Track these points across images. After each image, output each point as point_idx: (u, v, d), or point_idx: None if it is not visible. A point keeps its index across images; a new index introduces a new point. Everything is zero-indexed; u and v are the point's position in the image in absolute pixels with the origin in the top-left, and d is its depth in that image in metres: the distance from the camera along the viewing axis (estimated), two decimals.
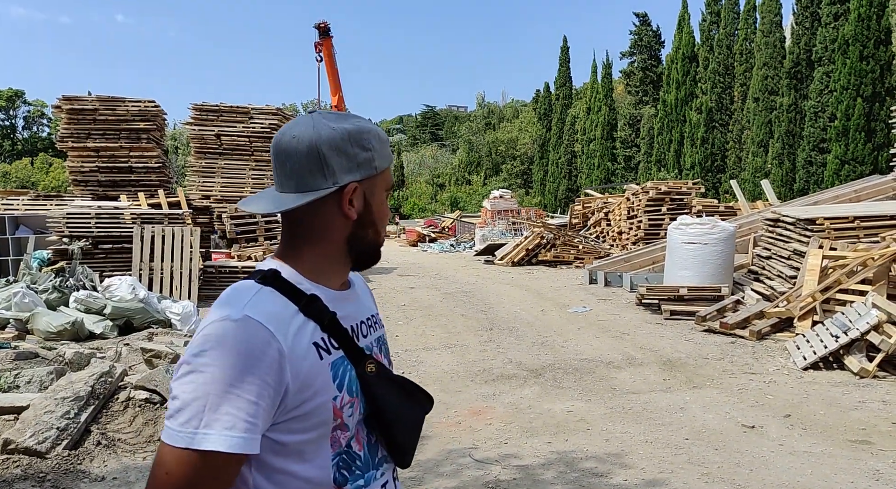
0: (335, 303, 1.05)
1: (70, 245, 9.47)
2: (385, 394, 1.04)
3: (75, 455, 3.96)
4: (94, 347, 6.35)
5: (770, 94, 24.57)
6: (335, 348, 1.01)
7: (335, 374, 0.99)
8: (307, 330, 0.98)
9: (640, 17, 39.30)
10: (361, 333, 1.09)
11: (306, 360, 0.96)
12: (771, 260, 8.90)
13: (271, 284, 1.00)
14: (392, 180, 1.11)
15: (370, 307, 1.18)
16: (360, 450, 1.04)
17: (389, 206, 1.20)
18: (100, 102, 13.78)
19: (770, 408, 4.94)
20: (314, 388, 0.96)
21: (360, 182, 1.05)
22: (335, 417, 0.99)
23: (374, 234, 1.10)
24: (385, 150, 1.09)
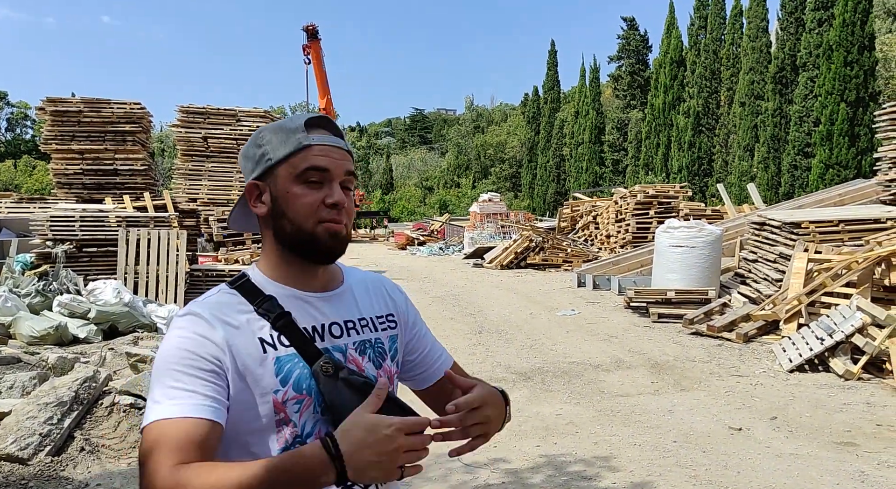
0: (299, 304, 1.08)
1: (54, 248, 9.35)
2: (338, 394, 1.02)
3: (58, 461, 3.90)
4: (77, 352, 6.27)
5: (756, 98, 24.83)
6: (284, 346, 1.03)
7: (279, 369, 1.02)
8: (256, 326, 1.03)
9: (628, 22, 39.60)
10: (331, 334, 1.09)
11: (248, 352, 1.01)
12: (757, 263, 8.97)
13: (237, 287, 1.08)
14: (307, 162, 1.05)
15: (365, 310, 1.17)
16: None
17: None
18: (84, 104, 13.65)
19: (757, 410, 4.97)
20: (253, 378, 1.00)
21: (258, 179, 1.09)
22: (277, 411, 1.01)
23: (290, 224, 1.07)
24: (281, 138, 1.08)
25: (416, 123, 79.94)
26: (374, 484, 1.03)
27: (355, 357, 1.11)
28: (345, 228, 1.09)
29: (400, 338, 1.22)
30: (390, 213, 44.18)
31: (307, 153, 1.06)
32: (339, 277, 1.19)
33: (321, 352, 1.05)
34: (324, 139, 1.08)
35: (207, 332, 1.00)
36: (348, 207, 1.09)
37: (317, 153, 1.07)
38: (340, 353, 1.09)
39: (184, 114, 14.85)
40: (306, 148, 1.06)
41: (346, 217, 1.09)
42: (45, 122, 13.68)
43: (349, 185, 1.10)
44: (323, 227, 1.07)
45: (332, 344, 1.09)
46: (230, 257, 12.57)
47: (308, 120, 1.10)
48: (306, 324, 1.07)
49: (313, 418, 1.04)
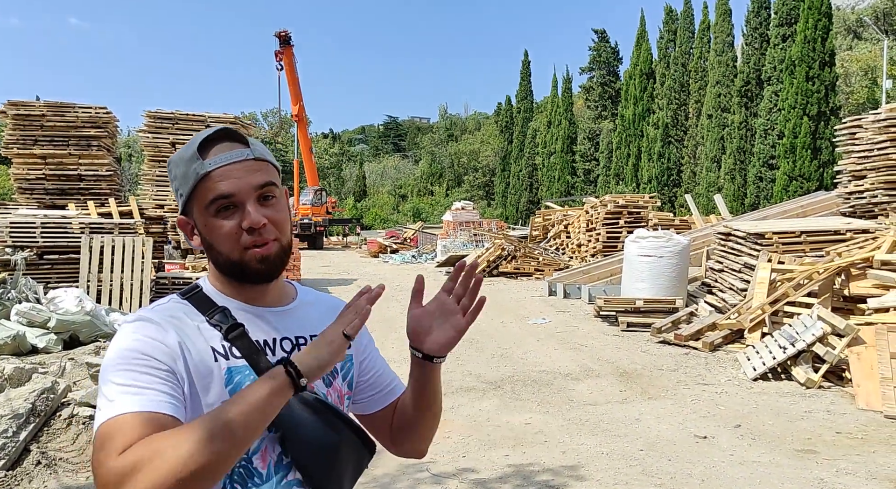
0: (250, 317, 1.06)
1: (13, 255, 9.09)
2: (288, 410, 0.99)
3: (13, 475, 3.78)
4: (36, 362, 6.08)
5: (723, 111, 25.40)
6: (236, 357, 1.01)
7: (229, 380, 1.00)
8: (208, 335, 1.01)
9: (599, 34, 40.22)
10: (283, 348, 1.07)
11: (201, 358, 0.98)
12: (723, 273, 9.14)
13: (189, 297, 1.05)
14: (210, 192, 1.00)
15: (316, 328, 1.12)
16: (262, 467, 1.01)
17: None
18: (48, 108, 13.33)
19: (721, 418, 5.05)
20: (203, 386, 0.98)
21: (183, 213, 1.07)
22: None
23: (219, 254, 1.03)
24: (183, 171, 1.03)
25: (389, 131, 79.89)
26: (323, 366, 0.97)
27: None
28: (275, 245, 1.04)
29: (354, 361, 1.20)
30: (363, 220, 44.00)
31: (207, 183, 1.01)
32: (292, 295, 1.17)
33: (271, 366, 1.02)
34: (221, 160, 1.01)
35: (159, 336, 0.96)
36: (274, 219, 1.03)
37: (217, 179, 1.00)
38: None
39: (151, 119, 14.60)
40: (205, 177, 1.01)
41: (274, 231, 1.04)
42: (7, 126, 13.32)
43: (271, 193, 1.04)
44: (250, 254, 1.02)
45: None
46: (197, 265, 12.37)
47: (202, 142, 1.03)
48: (258, 338, 1.05)
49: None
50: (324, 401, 1.06)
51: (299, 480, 1.04)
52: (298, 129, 28.42)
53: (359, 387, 1.22)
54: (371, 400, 1.24)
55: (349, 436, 1.07)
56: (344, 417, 1.08)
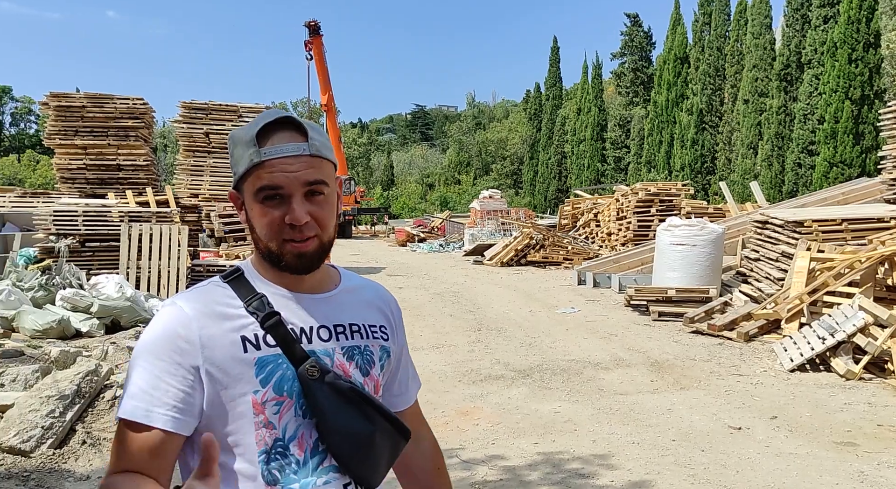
0: (288, 303, 1.07)
1: (57, 243, 9.38)
2: (323, 398, 1.01)
3: (60, 454, 3.92)
4: (80, 346, 6.29)
5: (760, 96, 24.74)
6: (269, 345, 1.02)
7: (260, 370, 1.00)
8: (240, 323, 1.02)
9: (632, 18, 39.47)
10: (319, 337, 1.07)
11: (225, 351, 0.99)
12: (759, 262, 8.96)
13: (230, 281, 1.06)
14: (261, 181, 1.01)
15: (357, 316, 1.14)
16: (299, 453, 1.03)
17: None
18: (88, 99, 13.66)
19: (757, 409, 4.97)
20: (231, 378, 0.99)
21: (235, 187, 1.07)
22: (256, 412, 1.00)
23: (260, 239, 1.04)
24: (240, 152, 1.03)
25: (417, 120, 79.86)
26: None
27: (342, 362, 1.09)
28: (314, 241, 1.04)
29: (392, 350, 1.19)
30: (391, 209, 44.18)
31: (260, 171, 1.01)
32: (335, 280, 1.16)
33: (307, 355, 1.03)
34: (277, 151, 1.00)
35: (182, 329, 0.99)
36: (318, 216, 1.03)
37: (269, 170, 1.00)
38: (327, 357, 1.07)
39: (186, 109, 14.84)
40: (258, 166, 1.01)
41: (316, 227, 1.04)
42: (49, 117, 13.69)
43: (320, 190, 1.04)
44: (287, 248, 1.03)
45: (319, 347, 1.07)
46: (231, 253, 12.59)
47: (262, 129, 1.02)
48: (294, 325, 1.05)
49: (296, 421, 1.03)
50: (359, 390, 1.06)
51: (335, 466, 1.05)
52: (327, 119, 28.60)
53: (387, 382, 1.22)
54: (387, 400, 1.23)
55: (384, 424, 1.08)
56: (379, 407, 1.08)
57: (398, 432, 1.11)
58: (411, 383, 1.29)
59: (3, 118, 58.96)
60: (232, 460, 1.01)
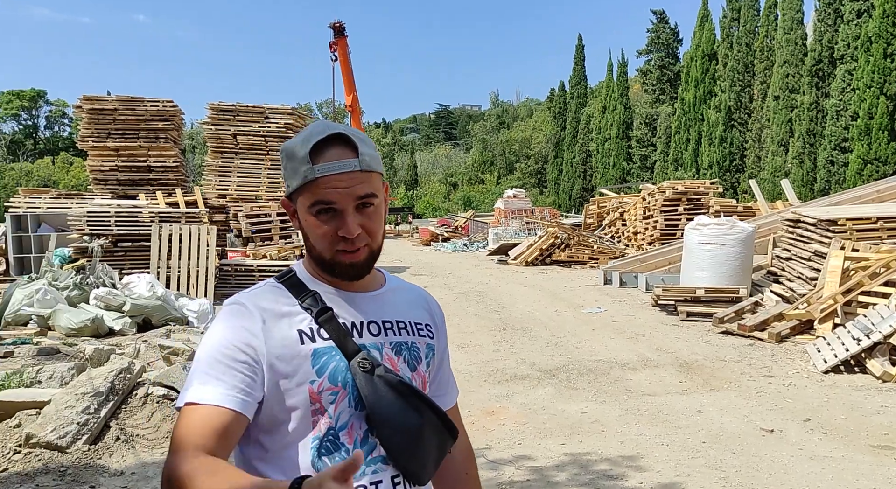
0: (339, 300, 1.12)
1: (90, 243, 9.60)
2: (374, 391, 1.05)
3: (95, 450, 4.01)
4: (113, 344, 6.43)
5: (791, 92, 24.25)
6: (323, 339, 1.07)
7: (315, 361, 1.06)
8: (297, 318, 1.08)
9: (658, 15, 39.01)
10: (369, 331, 1.12)
11: (284, 343, 1.05)
12: (791, 261, 8.78)
13: (284, 281, 1.13)
14: (315, 196, 1.06)
15: (404, 314, 1.18)
16: (349, 442, 1.06)
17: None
18: (119, 102, 13.95)
19: (789, 411, 4.87)
20: (291, 368, 1.04)
21: (289, 197, 1.12)
22: (312, 401, 1.05)
23: (314, 248, 1.10)
24: (293, 167, 1.07)
25: (440, 119, 79.95)
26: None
27: (391, 356, 1.13)
28: (364, 251, 1.10)
29: (436, 349, 1.23)
30: (415, 209, 44.29)
31: (313, 187, 1.06)
32: (381, 281, 1.22)
33: (359, 348, 1.08)
34: (331, 168, 1.05)
35: (246, 322, 1.05)
36: (369, 227, 1.09)
37: (322, 186, 1.05)
38: (377, 351, 1.11)
39: (214, 111, 15.06)
40: (312, 181, 1.06)
41: (366, 238, 1.09)
42: (82, 120, 14.02)
43: (370, 202, 1.08)
44: (340, 258, 1.09)
45: (369, 341, 1.11)
46: (258, 252, 12.74)
47: (315, 146, 1.06)
48: (345, 320, 1.11)
49: (348, 411, 1.07)
50: (408, 384, 1.09)
51: (384, 458, 1.08)
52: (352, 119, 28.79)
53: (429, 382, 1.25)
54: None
55: (432, 419, 1.10)
56: (427, 401, 1.11)
57: (446, 429, 1.13)
58: (451, 387, 1.32)
59: (39, 121, 60.54)
60: (287, 447, 1.05)
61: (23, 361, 5.63)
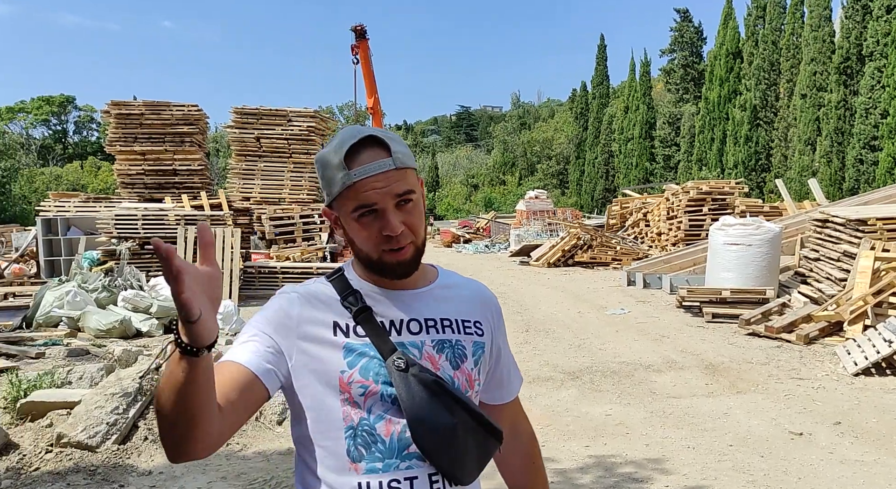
0: (382, 299, 1.15)
1: (118, 245, 9.77)
2: (408, 390, 1.07)
3: (124, 449, 4.08)
4: (140, 345, 6.54)
5: (818, 90, 23.81)
6: (359, 335, 1.11)
7: (347, 354, 1.09)
8: (336, 312, 1.13)
9: (682, 13, 38.60)
10: (409, 330, 1.14)
11: (318, 331, 1.10)
12: (819, 262, 8.62)
13: (332, 280, 1.18)
14: (355, 201, 1.08)
15: (450, 311, 1.19)
16: (385, 435, 1.08)
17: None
18: (146, 107, 14.19)
19: (819, 414, 4.78)
20: (322, 355, 1.09)
21: (329, 206, 1.16)
22: (342, 390, 1.08)
23: (360, 250, 1.13)
24: (330, 175, 1.10)
25: (461, 121, 79.98)
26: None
27: (431, 354, 1.13)
28: (410, 248, 1.12)
29: (487, 346, 1.22)
30: (436, 210, 44.32)
31: (351, 192, 1.08)
32: (430, 277, 1.22)
33: (395, 347, 1.10)
34: (366, 171, 1.07)
35: (287, 307, 1.12)
36: (410, 223, 1.11)
37: (361, 190, 1.08)
38: (416, 349, 1.12)
39: (238, 115, 15.23)
40: (350, 187, 1.08)
41: (410, 235, 1.11)
42: (110, 125, 14.30)
43: (409, 199, 1.11)
44: (387, 257, 1.11)
45: (408, 339, 1.12)
46: (281, 255, 12.87)
47: (348, 151, 1.08)
48: (384, 319, 1.13)
49: (382, 406, 1.08)
50: (441, 383, 1.10)
51: (419, 454, 1.08)
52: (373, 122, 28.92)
53: (485, 378, 1.25)
54: (486, 395, 1.28)
55: (466, 419, 1.10)
56: (462, 401, 1.11)
57: (486, 430, 1.13)
58: (511, 379, 1.32)
59: (67, 127, 61.83)
60: (321, 436, 1.09)
61: (54, 362, 5.75)
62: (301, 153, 15.06)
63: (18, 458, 3.90)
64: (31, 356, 5.85)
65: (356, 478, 1.06)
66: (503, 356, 1.29)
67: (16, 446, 4.03)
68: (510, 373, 1.31)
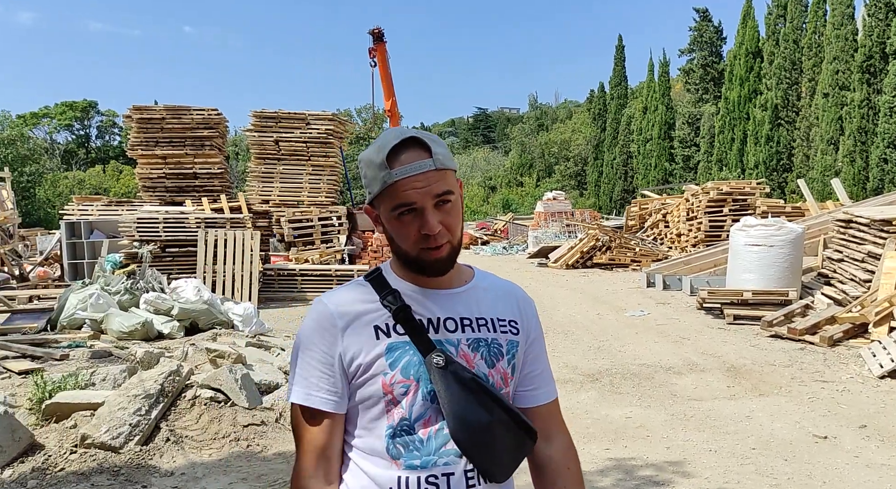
0: (419, 298, 1.18)
1: (140, 248, 9.91)
2: (446, 386, 1.10)
3: (146, 450, 4.12)
4: (162, 347, 6.61)
5: (841, 89, 23.43)
6: (399, 334, 1.13)
7: (389, 355, 1.12)
8: (375, 315, 1.15)
9: (701, 13, 38.25)
10: (445, 328, 1.16)
11: (361, 339, 1.13)
12: (843, 263, 8.48)
13: (370, 279, 1.20)
14: (395, 200, 1.12)
15: (486, 310, 1.20)
16: (423, 434, 1.11)
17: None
18: (167, 111, 14.38)
19: (844, 417, 4.70)
20: (366, 361, 1.12)
21: (371, 204, 1.19)
22: (385, 392, 1.11)
23: (398, 248, 1.16)
24: (372, 173, 1.14)
25: (479, 123, 79.91)
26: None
27: (467, 353, 1.15)
28: (447, 247, 1.14)
29: (520, 346, 1.23)
30: None
31: (392, 190, 1.11)
32: (466, 278, 1.24)
33: (434, 345, 1.12)
34: (407, 171, 1.10)
35: (328, 322, 1.14)
36: (448, 223, 1.13)
37: (401, 189, 1.11)
38: (453, 347, 1.14)
39: (257, 118, 15.38)
40: (391, 186, 1.11)
41: (447, 234, 1.13)
42: (132, 129, 14.50)
43: (448, 199, 1.13)
44: (425, 255, 1.14)
45: (444, 337, 1.15)
46: (300, 257, 12.95)
47: (390, 151, 1.12)
48: (422, 317, 1.16)
49: (422, 404, 1.11)
50: (478, 380, 1.12)
51: (456, 451, 1.11)
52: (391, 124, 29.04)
53: (518, 378, 1.25)
54: (523, 395, 1.27)
55: (503, 417, 1.13)
56: (498, 399, 1.13)
57: (521, 429, 1.16)
58: (545, 382, 1.31)
59: (90, 131, 62.89)
60: (365, 434, 1.13)
61: (78, 364, 5.84)
62: (319, 156, 15.16)
63: (44, 459, 3.96)
64: (56, 358, 5.94)
65: (397, 472, 1.11)
66: (539, 356, 1.29)
67: (41, 447, 4.09)
68: (544, 375, 1.30)
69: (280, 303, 10.96)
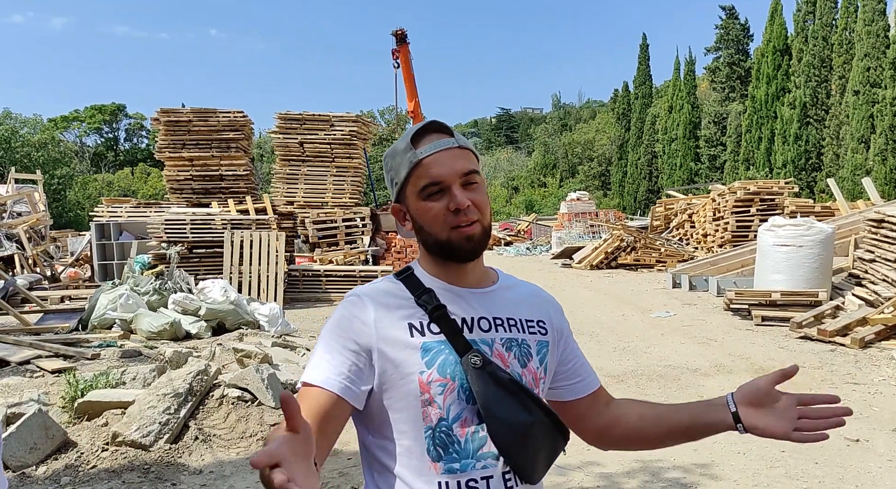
0: (452, 297, 1.17)
1: (168, 249, 10.08)
2: (484, 386, 1.08)
3: (175, 448, 4.19)
4: (190, 347, 6.72)
5: (872, 86, 22.92)
6: (434, 333, 1.12)
7: (425, 353, 1.10)
8: (409, 313, 1.13)
9: (727, 11, 37.74)
10: (480, 327, 1.15)
11: (395, 334, 1.10)
12: (875, 263, 8.29)
13: (401, 278, 1.19)
14: (423, 178, 1.13)
15: (514, 311, 1.21)
16: (461, 436, 1.09)
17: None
18: (193, 114, 14.60)
19: (876, 420, 4.60)
20: (400, 358, 1.09)
21: (397, 201, 1.20)
22: (422, 391, 1.09)
23: (429, 235, 1.15)
24: (399, 161, 1.15)
25: (502, 123, 79.78)
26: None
27: (501, 352, 1.15)
28: (478, 226, 1.13)
29: (551, 346, 1.24)
30: None
31: (420, 170, 1.13)
32: (493, 278, 1.25)
33: (470, 344, 1.11)
34: (432, 148, 1.13)
35: (360, 313, 1.12)
36: (477, 202, 1.13)
37: (428, 166, 1.12)
38: (487, 347, 1.14)
39: (282, 120, 15.53)
40: (418, 165, 1.13)
41: (477, 212, 1.13)
42: (159, 132, 14.76)
43: (473, 180, 1.14)
44: (456, 233, 1.13)
45: (479, 336, 1.14)
46: (325, 258, 13.06)
47: (414, 134, 1.15)
48: (456, 315, 1.15)
49: (459, 404, 1.09)
50: (517, 381, 1.12)
51: (495, 454, 1.10)
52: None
53: (560, 375, 1.27)
54: (569, 388, 1.28)
55: (542, 417, 1.12)
56: (536, 399, 1.13)
57: (556, 428, 1.15)
58: (587, 372, 1.32)
59: (119, 134, 64.14)
60: (401, 436, 1.10)
61: (108, 363, 5.96)
62: (343, 157, 15.26)
63: (76, 456, 4.06)
64: (87, 357, 6.07)
65: (436, 477, 1.08)
66: (575, 350, 1.30)
67: (74, 444, 4.18)
68: (584, 368, 1.31)
69: (305, 304, 11.06)
